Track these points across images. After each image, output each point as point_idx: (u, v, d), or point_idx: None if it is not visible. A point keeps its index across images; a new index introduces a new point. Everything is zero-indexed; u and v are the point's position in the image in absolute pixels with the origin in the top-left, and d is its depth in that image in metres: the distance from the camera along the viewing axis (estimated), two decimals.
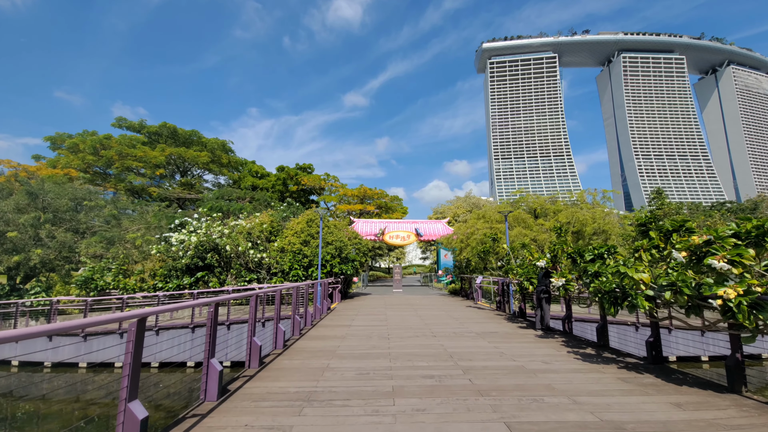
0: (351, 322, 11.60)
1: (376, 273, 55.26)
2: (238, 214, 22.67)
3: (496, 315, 13.44)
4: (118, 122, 37.53)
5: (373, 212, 45.59)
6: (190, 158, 35.60)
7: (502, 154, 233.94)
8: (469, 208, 41.53)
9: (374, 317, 12.89)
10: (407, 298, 21.28)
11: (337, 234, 19.65)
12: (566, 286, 8.04)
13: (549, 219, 19.17)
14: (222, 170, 39.40)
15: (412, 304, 17.36)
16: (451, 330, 10.09)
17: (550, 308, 9.83)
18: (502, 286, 15.14)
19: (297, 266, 17.94)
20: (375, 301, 19.10)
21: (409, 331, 9.89)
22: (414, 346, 8.03)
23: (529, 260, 11.10)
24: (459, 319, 12.24)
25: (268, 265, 19.11)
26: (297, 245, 18.08)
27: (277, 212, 23.26)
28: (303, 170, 45.35)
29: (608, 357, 7.00)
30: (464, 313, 14.01)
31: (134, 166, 34.43)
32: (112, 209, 23.49)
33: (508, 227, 17.99)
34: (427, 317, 12.83)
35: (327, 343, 8.34)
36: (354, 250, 22.11)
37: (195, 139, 38.84)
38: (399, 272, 27.15)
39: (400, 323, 11.42)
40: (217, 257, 18.34)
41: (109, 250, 20.32)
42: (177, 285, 18.02)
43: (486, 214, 20.69)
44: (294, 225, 19.81)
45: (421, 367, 6.26)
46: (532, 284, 10.41)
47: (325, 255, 17.85)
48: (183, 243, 18.33)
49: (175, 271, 18.30)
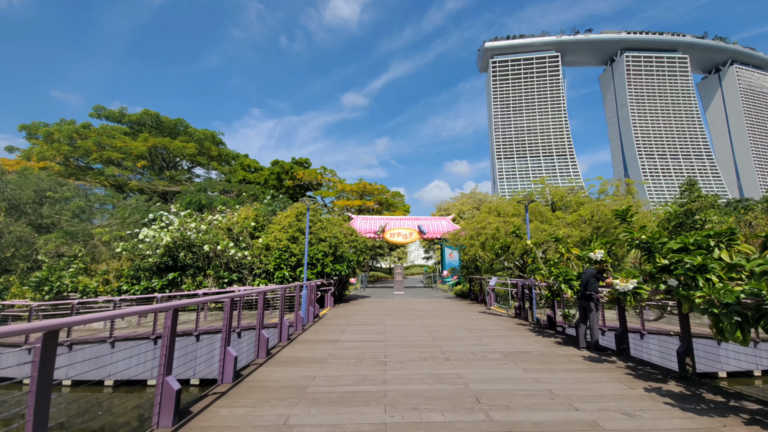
0: (339, 336, 9.21)
1: (376, 273, 52.84)
2: (217, 208, 20.31)
3: (517, 325, 11.04)
4: (96, 111, 34.83)
5: (373, 209, 43.02)
6: (174, 149, 32.98)
7: (505, 153, 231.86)
8: (476, 204, 39.15)
9: (370, 328, 10.51)
10: (409, 301, 18.91)
11: (331, 230, 17.27)
12: (637, 290, 5.66)
13: (569, 212, 16.81)
14: (211, 163, 36.59)
15: (416, 310, 14.98)
16: (468, 348, 7.71)
17: (598, 319, 7.44)
18: (522, 289, 12.76)
19: (284, 266, 15.55)
20: (373, 306, 16.72)
21: (413, 350, 7.51)
22: (420, 378, 5.65)
23: (566, 257, 8.71)
24: (474, 331, 9.85)
25: (251, 264, 16.75)
26: (284, 242, 15.71)
27: (263, 205, 20.92)
28: (299, 164, 42.83)
29: (718, 402, 4.61)
30: (478, 322, 11.62)
31: (114, 158, 31.95)
32: (79, 202, 21.07)
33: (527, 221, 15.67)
34: (435, 328, 10.45)
35: (299, 372, 5.97)
36: (351, 248, 19.74)
37: (181, 129, 36.32)
38: (400, 273, 24.76)
39: (402, 337, 9.04)
40: (191, 256, 15.96)
41: (72, 247, 17.99)
42: (145, 288, 15.67)
43: (498, 207, 18.30)
44: (281, 219, 17.44)
45: (435, 426, 3.88)
46: (571, 287, 8.03)
47: (315, 253, 15.46)
48: (152, 240, 15.97)
49: (143, 271, 15.95)
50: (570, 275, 8.11)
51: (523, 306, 12.76)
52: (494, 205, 18.95)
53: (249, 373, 5.93)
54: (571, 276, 8.10)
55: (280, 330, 8.54)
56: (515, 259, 14.65)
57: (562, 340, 8.51)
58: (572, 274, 8.14)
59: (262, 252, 16.36)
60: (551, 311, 10.37)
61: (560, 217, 16.43)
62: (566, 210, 17.26)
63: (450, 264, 29.80)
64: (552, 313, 10.34)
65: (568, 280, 8.08)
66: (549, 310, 10.43)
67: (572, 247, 8.55)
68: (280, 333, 8.55)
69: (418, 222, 32.29)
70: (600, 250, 7.16)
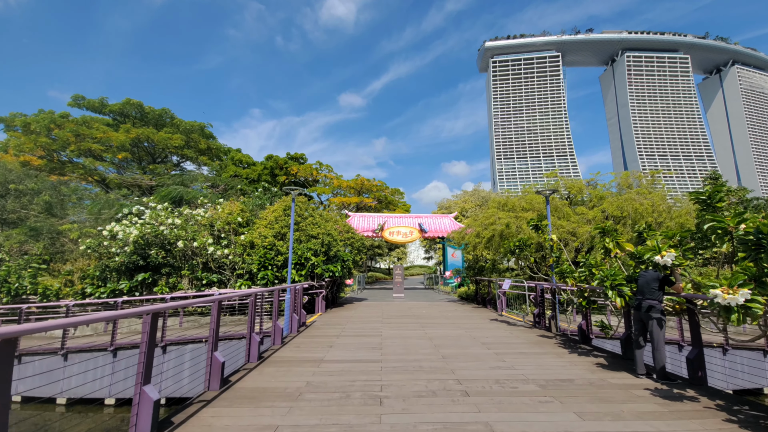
0: (325, 353, 7.40)
1: (375, 274, 50.98)
2: (198, 201, 18.49)
3: (540, 337, 9.24)
4: (76, 101, 32.61)
5: (372, 207, 41.06)
6: (159, 141, 30.95)
7: (505, 154, 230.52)
8: (479, 202, 37.33)
9: (364, 341, 8.70)
10: (410, 305, 17.11)
11: (324, 226, 15.46)
12: (750, 303, 3.86)
13: (588, 207, 15.05)
14: (200, 157, 34.45)
15: (418, 316, 13.18)
16: (489, 373, 5.91)
17: (664, 337, 5.64)
18: (541, 294, 10.96)
19: (269, 266, 13.72)
20: (370, 311, 14.92)
21: (418, 377, 5.71)
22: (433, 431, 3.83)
23: (614, 254, 6.90)
24: (491, 346, 8.05)
25: (234, 264, 14.94)
26: (269, 239, 13.88)
27: (251, 199, 19.11)
28: (294, 160, 40.84)
29: None
30: (493, 333, 9.81)
31: (93, 149, 29.95)
32: (45, 196, 19.16)
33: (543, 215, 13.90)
34: (442, 340, 8.64)
35: (255, 419, 4.15)
36: (347, 247, 17.94)
37: (168, 120, 34.28)
38: (400, 274, 22.97)
39: (403, 355, 7.24)
40: (164, 254, 14.12)
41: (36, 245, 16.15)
42: (112, 290, 13.84)
43: (509, 201, 16.49)
44: (268, 214, 15.63)
45: None
46: (621, 295, 6.24)
47: (304, 251, 13.64)
48: (122, 236, 14.13)
49: (110, 272, 14.12)
50: (618, 279, 6.31)
51: (543, 313, 10.97)
52: (503, 199, 17.14)
53: (184, 419, 4.10)
54: (619, 281, 6.30)
55: (249, 347, 6.74)
56: (531, 258, 12.83)
57: (606, 361, 6.71)
58: (620, 278, 6.35)
59: (245, 250, 14.53)
60: (583, 320, 8.57)
61: (579, 212, 14.66)
62: (586, 205, 15.49)
63: (453, 264, 27.99)
64: (584, 322, 8.55)
65: (617, 285, 6.29)
66: (581, 319, 8.63)
67: (625, 242, 6.72)
68: (248, 351, 6.74)
69: (419, 220, 30.48)
70: (670, 251, 5.35)
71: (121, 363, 10.99)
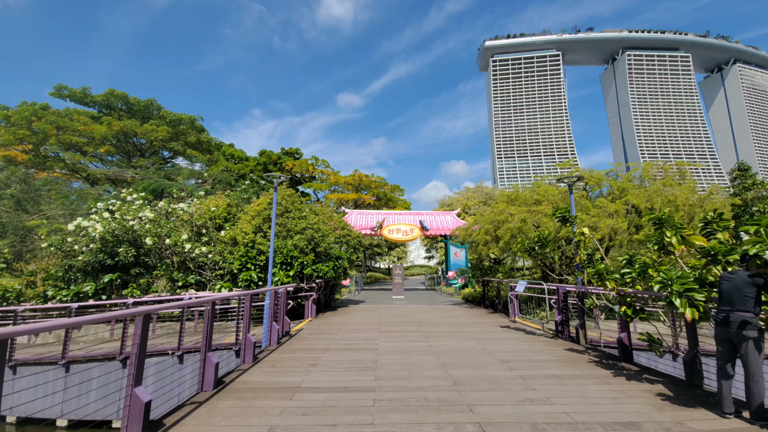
0: (303, 378, 5.83)
1: (374, 274, 49.41)
2: (173, 194, 16.93)
3: (569, 351, 7.70)
4: (58, 91, 30.67)
5: (371, 204, 39.30)
6: (143, 133, 29.22)
7: (505, 153, 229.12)
8: (483, 199, 35.72)
9: (355, 358, 7.15)
10: (411, 309, 15.57)
11: (313, 219, 13.90)
12: None
13: (611, 200, 13.53)
14: (188, 151, 32.55)
15: (420, 323, 11.64)
16: (521, 412, 4.35)
17: (762, 364, 4.10)
18: (564, 297, 9.41)
19: (251, 266, 12.16)
20: (365, 316, 13.37)
21: (425, 422, 4.13)
22: None
23: (679, 250, 5.35)
24: (513, 365, 6.49)
25: (214, 263, 13.39)
26: (250, 235, 12.32)
27: (236, 192, 17.56)
28: (289, 155, 39.13)
29: None
30: (510, 345, 8.25)
31: (75, 142, 28.25)
32: (13, 189, 17.59)
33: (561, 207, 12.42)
34: (451, 357, 7.08)
35: None
36: (342, 244, 16.39)
37: (155, 112, 32.50)
38: (400, 274, 21.41)
39: (403, 379, 5.68)
40: (134, 252, 12.56)
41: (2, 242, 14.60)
42: (76, 293, 12.29)
43: (519, 195, 14.92)
44: (253, 207, 14.07)
45: None
46: (693, 305, 4.69)
47: (290, 248, 12.08)
48: (89, 232, 12.57)
49: (74, 272, 12.57)
50: (689, 283, 4.76)
51: (567, 320, 9.42)
52: (513, 193, 15.57)
53: None
54: (690, 284, 4.75)
55: (203, 371, 5.18)
56: (554, 256, 11.29)
57: (668, 389, 5.16)
58: (690, 282, 4.80)
59: (227, 248, 12.97)
60: (623, 332, 7.03)
61: (599, 205, 13.12)
62: (608, 197, 13.94)
63: (456, 264, 26.45)
64: (625, 335, 7.00)
65: (687, 291, 4.73)
66: (618, 329, 7.08)
67: (693, 236, 5.17)
68: (202, 375, 5.19)
69: (420, 217, 28.91)
70: None
71: (74, 378, 9.44)
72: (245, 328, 6.84)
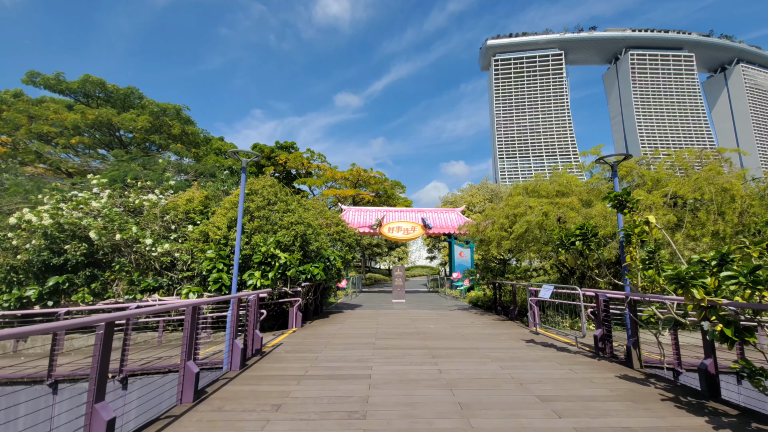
0: (260, 428, 3.90)
1: (374, 275, 47.36)
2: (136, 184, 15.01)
3: (626, 381, 5.76)
4: (31, 78, 28.42)
5: (369, 200, 37.26)
6: (121, 123, 27.16)
7: (507, 153, 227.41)
8: (488, 196, 33.77)
9: (338, 393, 5.20)
10: (413, 316, 13.64)
11: (300, 213, 11.98)
12: None
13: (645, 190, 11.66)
14: (171, 144, 30.27)
15: (424, 335, 9.71)
16: None
17: None
18: (605, 306, 7.47)
19: (223, 266, 10.25)
20: (360, 325, 11.44)
21: None
22: None
23: None
24: (558, 406, 4.55)
25: (184, 263, 11.47)
26: (223, 230, 10.43)
27: (214, 183, 15.67)
28: (283, 149, 37.17)
29: None
30: (544, 371, 6.30)
31: (46, 132, 26.28)
32: None
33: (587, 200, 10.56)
34: (469, 392, 5.14)
35: None
36: (336, 243, 14.49)
37: (137, 101, 30.47)
38: (401, 275, 19.49)
39: None
40: (84, 250, 10.65)
41: None
42: (18, 297, 10.42)
43: (539, 186, 12.98)
44: (230, 199, 12.16)
45: None
46: None
47: (269, 246, 10.16)
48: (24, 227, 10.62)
49: (16, 273, 10.69)
50: None
51: (609, 335, 7.47)
52: (531, 184, 13.63)
53: None
54: None
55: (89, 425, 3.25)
56: (602, 252, 9.32)
57: None
58: None
59: (197, 245, 11.05)
60: (708, 358, 5.09)
61: (636, 197, 11.22)
62: (642, 187, 12.05)
63: (461, 264, 24.51)
64: (711, 362, 5.06)
65: None
66: (709, 356, 5.14)
67: None
68: None
69: (422, 214, 26.96)
70: None
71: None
72: (184, 352, 4.91)
